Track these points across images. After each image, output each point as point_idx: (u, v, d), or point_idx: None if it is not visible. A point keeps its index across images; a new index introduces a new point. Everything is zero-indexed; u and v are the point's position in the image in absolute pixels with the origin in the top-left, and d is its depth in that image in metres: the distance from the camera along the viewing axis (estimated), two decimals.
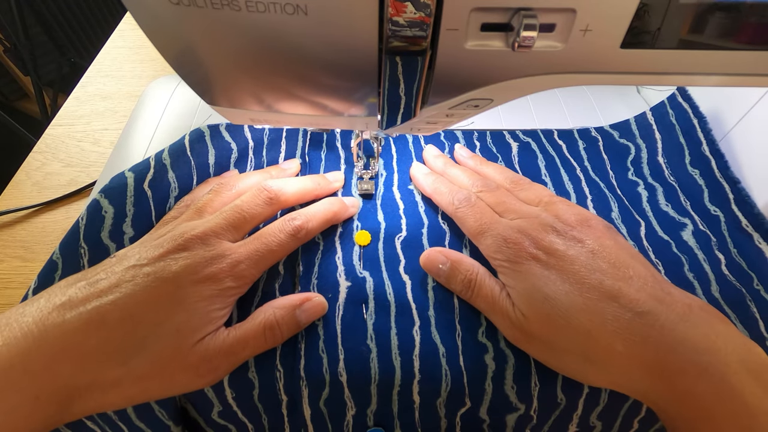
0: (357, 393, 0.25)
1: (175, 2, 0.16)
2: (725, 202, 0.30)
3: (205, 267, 0.23)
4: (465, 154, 0.34)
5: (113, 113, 0.48)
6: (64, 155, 0.44)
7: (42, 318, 0.21)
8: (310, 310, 0.25)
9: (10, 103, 1.32)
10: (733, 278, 0.28)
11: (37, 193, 0.41)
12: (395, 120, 0.22)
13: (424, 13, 0.15)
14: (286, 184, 0.29)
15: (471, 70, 0.18)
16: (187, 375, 0.22)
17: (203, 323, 0.23)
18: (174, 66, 0.19)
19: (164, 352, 0.22)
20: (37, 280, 0.27)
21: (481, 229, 0.27)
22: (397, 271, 0.28)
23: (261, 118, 0.23)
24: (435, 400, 0.25)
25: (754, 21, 0.16)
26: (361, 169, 0.32)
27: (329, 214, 0.29)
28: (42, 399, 0.20)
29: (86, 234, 0.27)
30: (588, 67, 0.18)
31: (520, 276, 0.25)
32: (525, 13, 0.16)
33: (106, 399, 0.22)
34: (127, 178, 0.29)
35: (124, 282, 0.22)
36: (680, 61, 0.17)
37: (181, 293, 0.22)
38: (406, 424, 0.25)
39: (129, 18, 0.62)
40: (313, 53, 0.18)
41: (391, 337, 0.25)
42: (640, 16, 0.16)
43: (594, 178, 0.34)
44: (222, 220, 0.26)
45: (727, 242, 0.30)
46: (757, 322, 0.26)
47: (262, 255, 0.25)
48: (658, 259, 0.29)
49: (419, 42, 0.16)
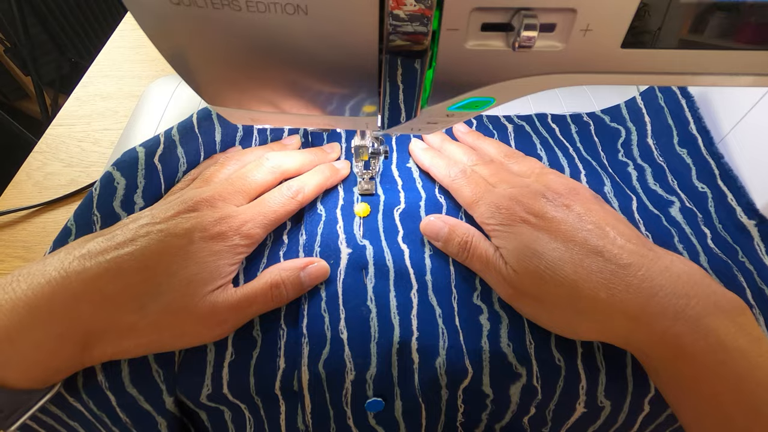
0: (357, 351, 0.25)
1: (175, 2, 0.16)
2: (712, 179, 0.32)
3: (214, 225, 0.25)
4: (463, 130, 0.36)
5: (114, 113, 0.48)
6: (64, 155, 0.44)
7: (64, 267, 0.22)
8: (314, 273, 0.27)
9: (10, 103, 1.32)
10: (719, 251, 0.29)
11: (37, 193, 0.41)
12: (395, 120, 0.22)
13: (425, 5, 0.15)
14: (286, 156, 0.31)
15: (471, 70, 0.18)
16: (197, 326, 0.24)
17: (213, 277, 0.24)
18: (174, 66, 0.19)
19: (176, 301, 0.23)
20: (52, 245, 0.28)
21: (475, 198, 0.29)
22: (396, 240, 0.29)
23: (261, 118, 0.23)
24: (434, 361, 0.25)
25: (754, 21, 0.16)
26: (362, 169, 0.32)
27: (322, 179, 0.31)
28: (65, 337, 0.21)
29: (99, 202, 0.29)
30: (588, 67, 0.18)
31: (512, 236, 0.26)
32: (525, 13, 0.16)
33: (122, 345, 0.23)
34: (138, 152, 0.30)
35: (140, 237, 0.24)
36: (681, 61, 0.17)
37: (192, 247, 0.24)
38: (406, 394, 0.25)
39: (129, 18, 0.62)
40: (313, 53, 0.18)
41: (390, 299, 0.26)
42: (641, 16, 0.16)
43: (586, 157, 0.36)
44: (228, 185, 0.28)
45: (713, 218, 0.31)
46: (745, 291, 0.27)
47: (266, 215, 0.27)
48: (648, 231, 0.31)
49: (420, 40, 0.16)
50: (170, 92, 0.43)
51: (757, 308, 0.27)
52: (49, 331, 0.21)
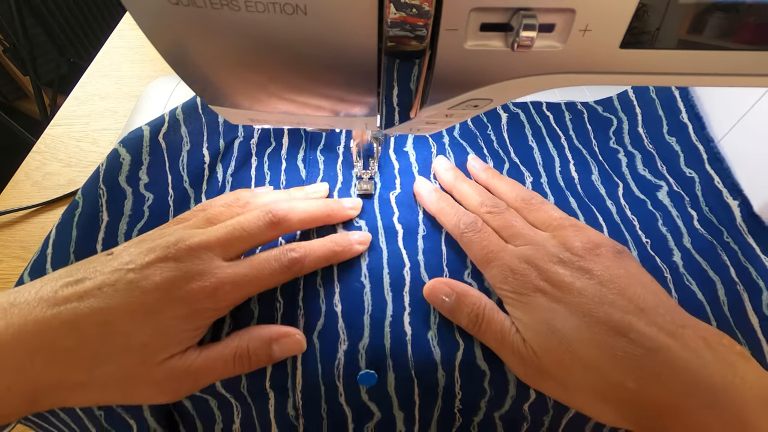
0: (350, 322, 0.26)
1: (174, 2, 0.16)
2: (700, 163, 0.32)
3: (188, 282, 0.23)
4: (478, 167, 0.33)
5: (112, 113, 0.48)
6: (63, 155, 0.44)
7: (27, 311, 0.21)
8: (287, 346, 0.25)
9: (9, 103, 1.32)
10: (705, 231, 0.30)
11: (36, 193, 0.41)
12: (395, 120, 0.22)
13: (424, 5, 0.15)
14: (294, 209, 0.27)
15: (470, 70, 0.18)
16: (150, 390, 0.23)
17: (172, 343, 0.23)
18: (173, 66, 0.19)
19: (129, 365, 0.22)
20: (61, 217, 0.29)
21: (487, 258, 0.27)
22: (391, 221, 0.30)
23: (260, 118, 0.23)
24: (426, 333, 0.25)
25: (753, 21, 0.16)
26: (361, 169, 0.32)
27: (330, 253, 0.27)
28: (13, 390, 0.21)
29: (105, 177, 0.30)
30: (587, 67, 0.18)
31: (527, 308, 0.24)
32: (524, 13, 0.16)
33: (70, 398, 0.22)
34: (143, 131, 0.32)
35: (107, 285, 0.22)
36: (679, 61, 0.17)
37: (155, 307, 0.22)
38: (399, 367, 0.25)
39: (128, 18, 0.62)
40: (312, 53, 0.18)
41: (384, 276, 0.27)
42: (640, 16, 0.16)
43: (578, 146, 0.37)
44: (219, 234, 0.25)
45: (700, 201, 0.32)
46: (728, 268, 0.28)
47: (249, 281, 0.25)
48: (633, 215, 0.31)
49: (419, 41, 0.16)
50: (169, 92, 0.43)
51: (741, 285, 0.27)
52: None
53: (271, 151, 0.35)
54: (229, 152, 0.35)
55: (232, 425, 0.26)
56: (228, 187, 0.33)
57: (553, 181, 0.34)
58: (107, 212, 0.29)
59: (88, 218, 0.29)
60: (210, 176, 0.33)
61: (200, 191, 0.33)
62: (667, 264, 0.29)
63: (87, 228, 0.29)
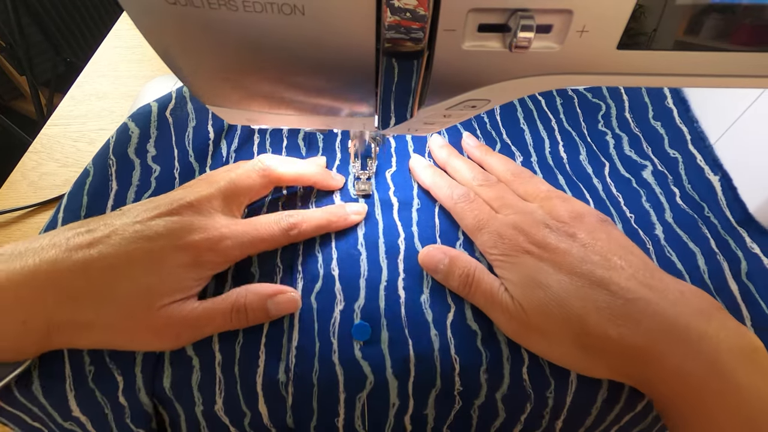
0: (347, 284, 0.27)
1: (171, 2, 0.16)
2: (683, 144, 0.34)
3: (190, 234, 0.24)
4: (472, 143, 0.35)
5: (109, 113, 0.48)
6: (59, 155, 0.44)
7: (41, 255, 0.23)
8: (282, 304, 0.26)
9: (5, 103, 1.31)
10: (687, 207, 0.32)
11: (32, 193, 0.41)
12: (392, 120, 0.22)
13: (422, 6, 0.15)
14: (282, 162, 0.30)
15: (468, 71, 0.18)
16: (149, 335, 0.24)
17: (174, 289, 0.24)
18: (170, 66, 0.19)
19: (132, 307, 0.23)
20: (72, 186, 0.31)
21: (478, 225, 0.28)
22: (387, 194, 0.32)
23: (258, 118, 0.23)
24: (419, 297, 0.27)
25: (750, 22, 0.16)
26: (359, 169, 0.32)
27: (325, 221, 0.29)
28: (28, 324, 0.22)
29: (115, 149, 0.32)
30: (584, 68, 0.18)
31: (515, 268, 0.25)
32: (522, 14, 0.16)
33: (78, 338, 0.24)
34: (151, 106, 0.33)
35: (115, 234, 0.24)
36: (676, 62, 0.18)
37: (159, 255, 0.23)
38: (393, 326, 0.26)
39: (125, 18, 0.61)
40: (310, 53, 0.18)
41: (379, 245, 0.29)
42: (637, 17, 0.16)
43: (567, 128, 0.38)
44: (215, 189, 0.27)
45: (683, 179, 0.33)
46: (708, 240, 0.30)
47: (250, 239, 0.26)
48: (618, 191, 0.33)
49: (416, 43, 0.17)
50: (166, 92, 0.43)
51: (721, 255, 0.29)
52: (14, 316, 0.22)
53: (273, 129, 0.36)
54: (232, 129, 0.36)
55: (214, 406, 0.25)
56: (231, 161, 0.35)
57: (542, 160, 0.36)
58: (116, 181, 0.31)
59: (98, 186, 0.31)
60: (214, 151, 0.35)
61: (205, 165, 0.34)
62: (649, 236, 0.30)
63: (97, 195, 0.30)
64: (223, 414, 0.25)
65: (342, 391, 0.25)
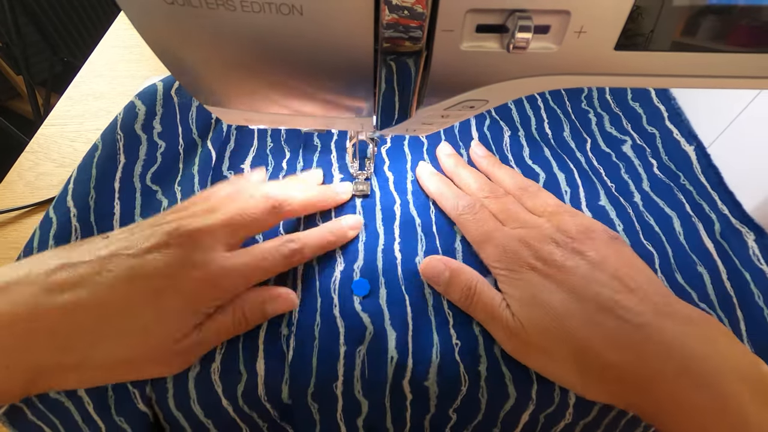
0: (346, 249, 0.29)
1: (169, 2, 0.16)
2: (661, 121, 0.37)
3: (189, 271, 0.23)
4: (480, 153, 0.35)
5: (107, 113, 0.48)
6: (56, 155, 0.43)
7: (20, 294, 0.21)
8: (279, 305, 0.26)
9: (2, 102, 1.31)
10: (663, 176, 0.34)
11: (29, 193, 0.40)
12: (390, 121, 0.22)
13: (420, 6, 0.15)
14: (293, 195, 0.28)
15: (466, 72, 0.18)
16: (157, 367, 0.23)
17: (173, 329, 0.23)
18: (168, 66, 0.19)
19: (130, 347, 0.22)
20: (82, 160, 0.32)
21: (482, 237, 0.27)
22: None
23: (256, 118, 0.23)
24: (414, 258, 0.29)
25: (747, 23, 0.16)
26: (357, 170, 0.32)
27: (326, 242, 0.28)
28: (12, 369, 0.21)
29: (122, 125, 0.33)
30: (582, 68, 0.18)
31: (518, 284, 0.25)
32: (520, 15, 0.16)
33: (65, 380, 0.22)
34: (157, 86, 0.35)
35: (105, 271, 0.22)
36: (673, 63, 0.18)
37: (156, 295, 0.22)
38: (390, 284, 0.28)
39: (123, 17, 0.61)
40: (308, 54, 0.18)
41: (376, 213, 0.31)
42: (634, 18, 0.16)
43: (552, 106, 0.41)
44: (220, 220, 0.25)
45: (660, 152, 0.36)
46: (683, 205, 0.32)
47: (251, 270, 0.25)
48: (599, 164, 0.36)
49: (414, 43, 0.17)
50: None
51: (696, 217, 0.31)
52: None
53: None
54: None
55: (212, 364, 0.25)
56: (232, 138, 0.37)
57: (529, 135, 0.38)
58: (124, 155, 0.32)
59: (107, 160, 0.32)
60: (215, 127, 0.37)
61: (206, 139, 0.36)
62: (629, 203, 0.32)
63: (105, 168, 0.32)
64: (218, 378, 0.24)
65: (342, 344, 0.25)
